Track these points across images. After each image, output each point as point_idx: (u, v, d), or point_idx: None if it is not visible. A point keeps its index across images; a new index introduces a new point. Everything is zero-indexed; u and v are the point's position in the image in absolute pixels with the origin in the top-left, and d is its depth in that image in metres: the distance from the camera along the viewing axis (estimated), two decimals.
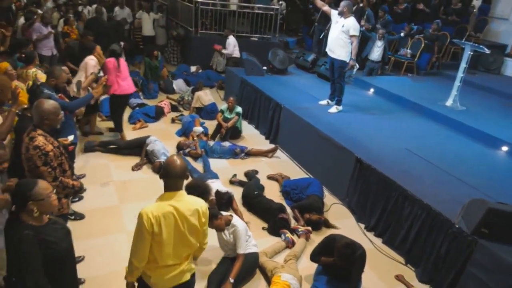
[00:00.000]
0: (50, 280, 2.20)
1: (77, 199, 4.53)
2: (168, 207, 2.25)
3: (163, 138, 6.18)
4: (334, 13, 6.01)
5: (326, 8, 6.25)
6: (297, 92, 7.24)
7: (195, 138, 6.13)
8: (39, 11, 8.35)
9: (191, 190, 3.60)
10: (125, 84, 5.83)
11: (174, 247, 2.34)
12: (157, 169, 5.35)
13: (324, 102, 6.60)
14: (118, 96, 5.78)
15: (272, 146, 6.34)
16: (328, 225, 4.56)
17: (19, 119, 3.50)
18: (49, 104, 2.86)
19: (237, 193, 4.88)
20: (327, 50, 6.22)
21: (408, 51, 9.25)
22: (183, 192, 2.35)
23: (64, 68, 4.73)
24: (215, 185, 4.83)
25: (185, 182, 3.59)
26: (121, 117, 6.15)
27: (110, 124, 6.42)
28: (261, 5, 10.72)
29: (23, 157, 2.83)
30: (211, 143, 6.10)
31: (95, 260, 3.76)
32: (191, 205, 2.34)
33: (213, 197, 4.66)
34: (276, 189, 5.27)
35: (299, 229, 4.33)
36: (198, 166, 5.62)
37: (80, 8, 9.94)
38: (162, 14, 10.70)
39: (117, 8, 10.15)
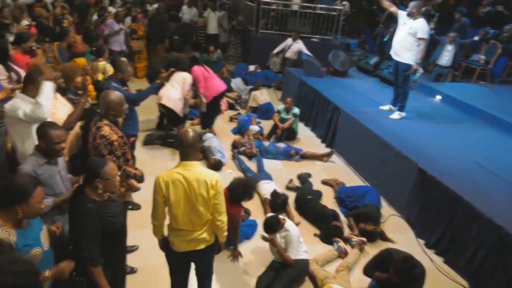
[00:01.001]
0: (102, 253, 2.32)
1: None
2: (177, 174, 2.47)
3: (218, 135, 6.26)
4: (402, 14, 5.69)
5: (393, 9, 5.94)
6: (357, 95, 6.99)
7: (250, 137, 6.11)
8: (111, 9, 8.84)
9: (233, 187, 3.61)
10: (215, 84, 5.96)
11: (184, 213, 2.53)
12: (212, 166, 5.40)
13: (386, 107, 6.29)
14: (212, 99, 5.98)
15: (328, 150, 6.17)
16: (384, 238, 4.31)
17: (87, 111, 3.67)
18: (115, 95, 2.97)
19: (291, 198, 4.79)
20: (391, 52, 5.92)
21: (482, 56, 8.58)
22: (194, 163, 2.50)
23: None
24: (270, 186, 4.78)
25: (232, 179, 3.79)
26: (215, 116, 6.27)
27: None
28: (323, 6, 10.51)
29: (90, 146, 2.97)
30: (266, 143, 6.06)
31: (147, 251, 3.85)
32: (200, 175, 2.47)
33: (267, 196, 4.61)
34: (330, 195, 5.10)
35: (353, 239, 4.14)
36: (252, 165, 5.60)
37: (147, 6, 10.36)
38: (225, 12, 10.86)
39: (184, 7, 10.46)
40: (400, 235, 4.43)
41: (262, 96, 7.46)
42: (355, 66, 8.99)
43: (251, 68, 9.90)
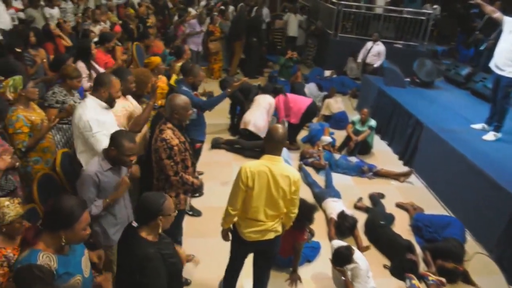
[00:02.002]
0: None
1: (197, 194, 4.60)
2: (264, 167, 2.56)
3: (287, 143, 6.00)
4: (508, 21, 4.94)
5: (497, 14, 5.17)
6: (444, 110, 6.27)
7: (320, 148, 5.77)
8: (190, 10, 9.01)
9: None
10: (298, 106, 5.95)
11: (263, 204, 2.62)
12: None
13: (478, 126, 5.55)
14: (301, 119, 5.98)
15: (406, 169, 5.60)
16: (468, 280, 3.73)
17: (156, 114, 3.64)
18: (181, 99, 2.88)
19: (359, 217, 4.37)
20: (491, 65, 5.17)
21: None
22: (280, 158, 2.60)
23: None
24: (338, 206, 4.42)
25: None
26: (299, 130, 6.21)
27: None
28: (410, 9, 9.74)
29: (152, 148, 2.92)
30: (337, 156, 5.66)
31: (204, 262, 3.72)
32: (284, 171, 2.58)
33: (333, 216, 4.26)
34: (405, 221, 4.58)
35: (429, 278, 3.63)
36: (319, 179, 5.26)
37: (224, 7, 10.40)
38: (306, 16, 10.58)
39: (256, 8, 10.36)
40: (487, 278, 3.81)
41: (336, 104, 7.04)
42: (442, 76, 8.14)
43: (327, 73, 9.48)
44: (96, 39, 5.49)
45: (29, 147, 3.22)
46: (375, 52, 8.69)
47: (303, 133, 6.58)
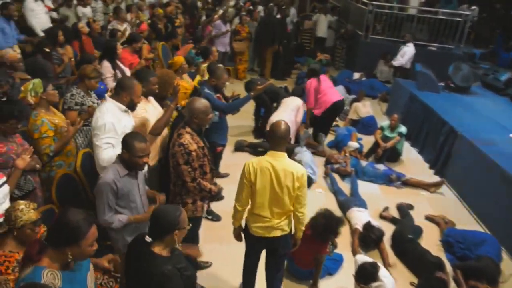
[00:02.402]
0: None
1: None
2: (266, 162, 2.59)
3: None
4: None
5: None
6: (481, 118, 5.92)
7: (346, 154, 5.56)
8: (219, 9, 8.95)
9: (315, 223, 3.23)
10: (328, 97, 5.73)
11: (267, 200, 2.64)
12: None
13: None
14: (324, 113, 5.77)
15: (437, 179, 5.30)
16: None
17: (177, 116, 3.56)
18: (201, 102, 2.79)
19: (385, 229, 4.16)
20: None
21: None
22: (283, 154, 2.60)
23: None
24: (364, 216, 4.22)
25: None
26: (327, 129, 6.04)
27: None
28: (446, 10, 9.30)
29: (170, 152, 2.83)
30: (364, 163, 5.44)
31: (221, 269, 3.62)
32: (288, 167, 2.57)
33: (358, 227, 4.07)
34: (435, 235, 4.32)
35: None
36: (344, 186, 5.06)
37: (252, 7, 10.28)
38: (336, 17, 10.34)
39: (283, 8, 10.18)
40: None
41: (365, 108, 6.80)
42: (480, 81, 7.72)
43: (356, 76, 9.21)
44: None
45: (56, 151, 3.19)
46: (402, 52, 8.36)
47: (329, 138, 6.39)
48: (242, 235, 2.93)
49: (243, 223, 2.93)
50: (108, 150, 2.81)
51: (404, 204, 4.70)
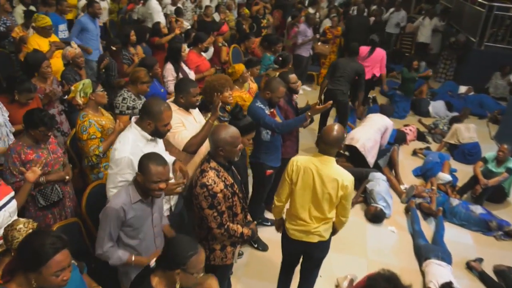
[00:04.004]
0: None
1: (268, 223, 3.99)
2: (311, 164, 2.46)
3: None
4: None
5: None
6: None
7: (434, 187, 4.58)
8: (311, 10, 8.35)
9: (373, 283, 2.51)
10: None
11: (306, 202, 2.53)
12: (370, 215, 4.25)
13: None
14: None
15: None
16: None
17: None
18: (227, 132, 2.28)
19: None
20: None
21: None
22: (331, 159, 2.45)
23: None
24: (445, 273, 3.39)
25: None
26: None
27: None
28: None
29: (193, 192, 2.36)
30: (455, 201, 4.40)
31: None
32: (333, 173, 2.43)
33: (432, 286, 3.24)
34: None
35: None
36: (426, 228, 4.14)
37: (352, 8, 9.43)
38: (444, 22, 8.96)
39: (391, 10, 9.13)
40: None
41: (468, 133, 5.60)
42: None
43: (462, 89, 7.84)
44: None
45: (104, 151, 3.08)
46: None
47: (415, 163, 5.42)
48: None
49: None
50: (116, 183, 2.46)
51: (505, 267, 3.64)
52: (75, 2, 7.02)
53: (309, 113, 3.07)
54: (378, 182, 4.42)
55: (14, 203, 2.32)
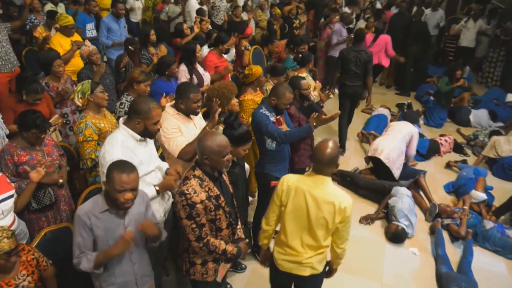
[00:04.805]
0: None
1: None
2: (304, 185, 2.18)
3: None
4: None
5: None
6: None
7: (465, 207, 4.13)
8: (347, 10, 7.97)
9: None
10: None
11: (297, 229, 2.23)
12: (389, 235, 3.91)
13: None
14: None
15: None
16: None
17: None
18: (214, 140, 2.09)
19: None
20: None
21: None
22: (327, 179, 2.17)
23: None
24: None
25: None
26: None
27: None
28: None
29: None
30: (489, 224, 3.93)
31: None
32: (329, 195, 2.15)
33: None
34: None
35: None
36: (452, 252, 3.73)
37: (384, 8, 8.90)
38: (491, 24, 8.22)
39: (428, 10, 8.53)
40: None
41: (508, 145, 5.04)
42: None
43: (510, 97, 7.14)
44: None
45: None
46: None
47: (448, 177, 4.95)
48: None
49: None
50: None
51: None
52: (108, 3, 7.13)
53: (314, 124, 2.80)
54: (402, 198, 4.04)
55: (10, 202, 2.36)
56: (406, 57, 7.28)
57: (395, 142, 4.54)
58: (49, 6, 6.09)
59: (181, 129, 2.77)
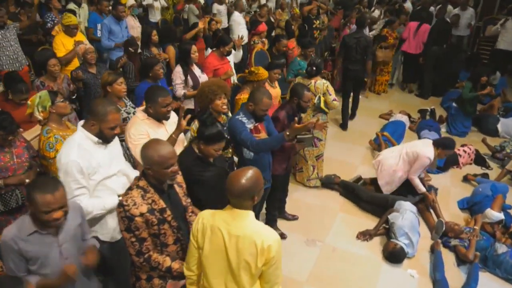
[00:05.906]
0: None
1: None
2: (221, 222, 1.82)
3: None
4: None
5: None
6: None
7: (476, 227, 3.73)
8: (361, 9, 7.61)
9: None
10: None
11: (219, 272, 1.87)
12: (386, 253, 3.60)
13: None
14: None
15: None
16: None
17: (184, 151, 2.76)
18: (156, 149, 1.94)
19: None
20: None
21: None
22: (247, 213, 1.80)
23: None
24: None
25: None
26: None
27: None
28: None
29: None
30: (502, 248, 3.50)
31: None
32: (250, 233, 1.77)
33: None
34: None
35: None
36: (456, 277, 3.37)
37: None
38: None
39: (456, 10, 7.95)
40: None
41: None
42: None
43: None
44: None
45: None
46: None
47: (465, 192, 4.53)
48: None
49: None
50: (82, 198, 2.25)
51: None
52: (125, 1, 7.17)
53: (288, 133, 2.58)
54: (403, 214, 3.70)
55: None
56: (425, 58, 6.87)
57: (394, 155, 4.21)
58: (71, 6, 6.17)
59: (149, 135, 2.65)
